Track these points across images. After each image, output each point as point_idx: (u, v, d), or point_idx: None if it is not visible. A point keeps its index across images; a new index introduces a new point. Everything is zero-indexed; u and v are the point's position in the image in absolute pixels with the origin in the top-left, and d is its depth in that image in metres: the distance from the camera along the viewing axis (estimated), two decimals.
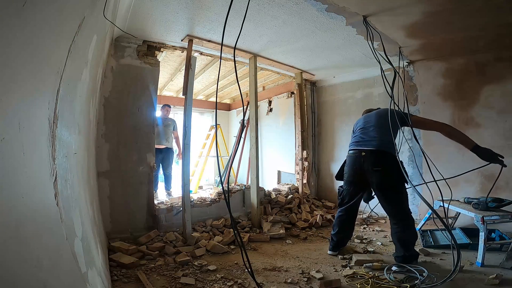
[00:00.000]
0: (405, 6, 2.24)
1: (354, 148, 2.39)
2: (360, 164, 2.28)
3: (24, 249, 0.68)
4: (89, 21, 1.25)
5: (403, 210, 2.20)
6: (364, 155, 2.26)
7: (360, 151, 2.30)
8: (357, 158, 2.32)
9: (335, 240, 2.50)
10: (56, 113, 0.95)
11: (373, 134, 2.31)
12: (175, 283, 1.95)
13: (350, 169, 2.41)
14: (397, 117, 2.20)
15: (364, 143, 2.33)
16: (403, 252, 2.19)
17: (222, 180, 2.03)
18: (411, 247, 2.21)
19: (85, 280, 1.07)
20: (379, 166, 2.16)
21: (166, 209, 3.02)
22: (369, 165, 2.22)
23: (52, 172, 0.90)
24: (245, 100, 5.45)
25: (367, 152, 2.26)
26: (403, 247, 2.19)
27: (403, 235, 2.19)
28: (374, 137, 2.28)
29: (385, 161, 2.17)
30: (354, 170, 2.35)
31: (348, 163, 2.45)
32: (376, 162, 2.18)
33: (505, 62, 3.03)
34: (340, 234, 2.48)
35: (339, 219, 2.49)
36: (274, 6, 2.30)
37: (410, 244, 2.21)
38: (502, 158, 2.03)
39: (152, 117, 3.05)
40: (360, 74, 4.21)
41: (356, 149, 2.36)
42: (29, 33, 0.69)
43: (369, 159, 2.23)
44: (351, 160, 2.40)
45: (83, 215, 1.39)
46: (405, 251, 2.19)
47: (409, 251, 2.19)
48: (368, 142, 2.30)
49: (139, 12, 2.37)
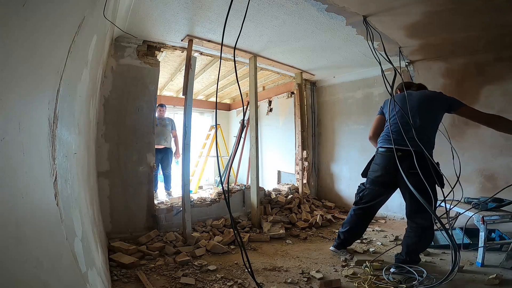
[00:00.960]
0: (405, 6, 2.23)
1: (388, 146, 2.11)
2: (394, 165, 2.00)
3: (24, 249, 0.68)
4: (89, 21, 1.25)
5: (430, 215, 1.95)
6: (401, 155, 1.99)
7: (395, 150, 2.02)
8: (391, 158, 2.06)
9: (342, 238, 2.39)
10: (56, 113, 0.95)
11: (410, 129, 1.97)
12: (175, 283, 1.95)
13: (380, 168, 2.15)
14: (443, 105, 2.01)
15: (401, 141, 2.02)
16: (404, 257, 2.14)
17: (222, 180, 2.03)
18: (415, 253, 2.15)
19: (85, 280, 1.07)
20: (416, 169, 1.86)
21: (166, 209, 3.02)
22: (406, 167, 1.95)
23: (52, 172, 0.90)
24: (245, 100, 5.45)
25: (403, 152, 2.01)
26: (407, 252, 2.12)
27: (413, 240, 2.07)
28: (412, 135, 1.94)
29: (424, 163, 1.90)
30: (386, 170, 2.12)
31: (379, 162, 2.19)
32: (414, 165, 1.87)
33: (505, 62, 3.03)
34: (350, 233, 2.36)
35: (355, 217, 2.30)
36: (274, 6, 2.30)
37: (416, 251, 2.14)
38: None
39: (152, 117, 3.05)
40: (360, 74, 4.21)
41: (391, 147, 2.07)
42: (29, 33, 0.69)
43: (406, 160, 1.97)
44: (383, 160, 2.14)
45: (83, 215, 1.39)
46: (408, 256, 2.13)
47: (411, 257, 2.13)
48: (406, 141, 1.98)
49: (139, 12, 2.37)
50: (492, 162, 3.07)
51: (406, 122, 2.03)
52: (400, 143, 2.04)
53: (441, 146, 3.45)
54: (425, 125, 2.02)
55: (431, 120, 2.05)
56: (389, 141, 2.12)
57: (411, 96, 2.17)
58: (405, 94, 2.17)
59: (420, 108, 2.08)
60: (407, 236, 2.16)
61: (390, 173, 2.11)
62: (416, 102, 2.11)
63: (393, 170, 2.06)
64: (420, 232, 2.06)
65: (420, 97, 2.15)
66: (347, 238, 2.41)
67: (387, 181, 2.17)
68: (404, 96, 2.16)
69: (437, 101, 2.06)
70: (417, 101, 2.12)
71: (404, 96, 2.17)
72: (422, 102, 2.11)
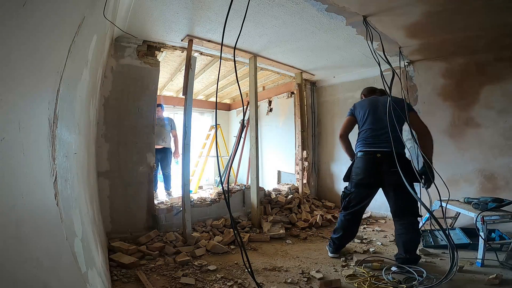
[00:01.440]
0: (405, 6, 2.23)
1: (366, 149, 2.26)
2: (376, 166, 2.18)
3: (24, 249, 0.68)
4: (89, 21, 1.25)
5: (416, 209, 2.16)
6: (380, 157, 2.17)
7: (374, 153, 2.21)
8: (371, 160, 2.22)
9: (337, 243, 2.45)
10: (56, 113, 0.95)
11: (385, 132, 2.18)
12: (175, 283, 1.95)
13: (363, 171, 2.25)
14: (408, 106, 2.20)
15: (378, 143, 2.21)
16: (404, 255, 2.18)
17: (222, 180, 2.04)
18: (414, 250, 2.19)
19: (85, 280, 1.07)
20: (396, 167, 2.01)
21: (166, 209, 3.02)
22: (387, 166, 2.13)
23: (52, 172, 0.90)
24: (245, 100, 5.45)
25: (382, 153, 2.17)
26: (406, 250, 2.17)
27: (408, 237, 2.16)
28: (387, 137, 2.14)
29: (402, 161, 2.08)
30: (369, 172, 2.23)
31: (360, 165, 2.29)
32: (394, 163, 2.04)
33: (505, 62, 3.03)
34: (343, 238, 2.43)
35: (346, 223, 2.37)
36: (274, 6, 2.30)
37: (414, 246, 2.19)
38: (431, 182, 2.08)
39: (152, 117, 3.05)
40: (360, 74, 4.22)
41: (369, 150, 2.24)
42: (29, 33, 0.69)
43: (385, 160, 2.15)
44: (364, 163, 2.26)
45: (83, 215, 1.39)
46: (407, 253, 2.17)
47: (411, 254, 2.17)
48: (382, 143, 2.19)
49: (139, 12, 2.37)
50: (492, 162, 3.07)
51: (380, 126, 2.23)
52: (378, 146, 2.21)
53: (441, 146, 3.47)
54: (395, 128, 2.15)
55: (399, 123, 2.17)
56: (367, 145, 2.27)
57: (379, 102, 2.36)
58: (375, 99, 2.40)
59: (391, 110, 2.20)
60: (399, 234, 2.21)
61: (372, 174, 2.22)
62: (384, 107, 2.24)
63: (374, 172, 2.21)
64: (411, 228, 2.15)
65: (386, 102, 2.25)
66: (342, 242, 2.47)
67: (371, 183, 2.26)
68: (372, 101, 2.37)
69: (400, 105, 2.21)
70: (384, 106, 2.25)
71: (372, 100, 2.38)
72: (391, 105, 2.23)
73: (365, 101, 2.45)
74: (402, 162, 2.07)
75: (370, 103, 2.38)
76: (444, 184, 2.12)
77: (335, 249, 2.48)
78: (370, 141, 2.27)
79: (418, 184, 2.12)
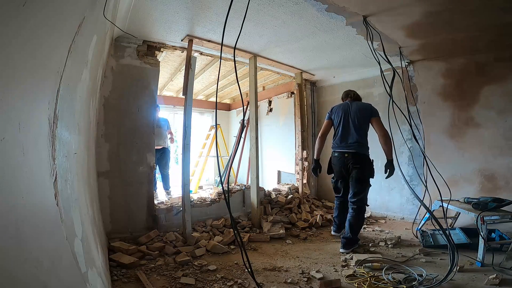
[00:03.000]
0: (405, 6, 2.24)
1: (339, 150, 2.85)
2: (345, 163, 2.80)
3: (24, 249, 0.68)
4: (89, 21, 1.25)
5: (364, 198, 2.77)
6: (347, 156, 2.78)
7: (343, 153, 2.81)
8: (341, 159, 2.83)
9: (337, 222, 3.06)
10: (56, 113, 0.95)
11: (352, 138, 2.77)
12: (175, 283, 1.95)
13: (337, 167, 2.89)
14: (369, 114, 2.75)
15: (346, 146, 2.80)
16: (349, 234, 2.66)
17: (222, 180, 2.04)
18: (356, 231, 2.70)
19: (85, 280, 1.07)
20: (358, 164, 2.73)
21: (166, 209, 3.02)
22: (351, 163, 2.76)
23: (52, 172, 0.90)
24: (245, 100, 5.45)
25: (349, 153, 2.78)
26: (351, 230, 2.67)
27: (354, 219, 2.69)
28: (354, 141, 2.76)
29: (361, 160, 2.74)
30: (341, 168, 2.86)
31: (335, 163, 2.91)
32: (356, 162, 2.73)
33: (505, 62, 3.03)
34: (340, 217, 3.02)
35: (338, 204, 3.03)
36: (274, 6, 2.30)
37: (357, 228, 2.71)
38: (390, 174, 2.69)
39: (152, 117, 3.05)
40: (360, 74, 4.22)
41: (341, 151, 2.83)
42: (29, 33, 0.69)
43: (351, 159, 2.76)
44: (337, 161, 2.87)
45: (83, 215, 1.39)
46: (351, 233, 2.66)
47: (354, 235, 2.67)
48: (350, 146, 2.78)
49: (139, 12, 2.37)
50: (492, 162, 3.07)
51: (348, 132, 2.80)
52: (347, 148, 2.79)
53: (441, 146, 3.47)
54: (362, 132, 2.77)
55: (365, 127, 2.80)
56: (339, 147, 2.86)
57: (350, 108, 2.86)
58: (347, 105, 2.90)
59: (357, 117, 2.77)
60: (349, 216, 2.75)
61: (344, 169, 2.84)
62: (354, 113, 2.81)
63: (345, 167, 2.82)
64: (356, 209, 2.72)
65: (356, 108, 2.82)
66: (340, 221, 3.02)
67: (344, 175, 2.89)
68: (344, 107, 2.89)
69: (367, 110, 2.79)
70: (354, 112, 2.81)
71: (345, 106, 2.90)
72: (358, 112, 2.80)
73: (339, 107, 2.95)
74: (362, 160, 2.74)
75: (343, 109, 2.90)
76: (445, 183, 2.13)
77: (337, 228, 3.06)
78: (340, 143, 2.85)
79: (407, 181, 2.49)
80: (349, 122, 2.79)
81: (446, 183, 2.64)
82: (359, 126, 2.75)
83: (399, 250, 2.62)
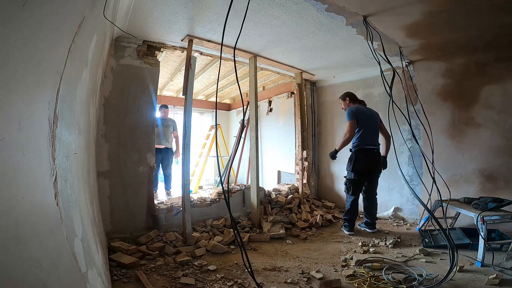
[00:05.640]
0: (405, 6, 2.23)
1: (371, 145, 3.08)
2: (374, 158, 3.09)
3: (24, 249, 0.68)
4: (89, 21, 1.25)
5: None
6: (376, 152, 3.12)
7: (373, 149, 3.10)
8: (372, 153, 3.08)
9: (354, 222, 3.19)
10: (56, 113, 0.95)
11: (376, 135, 3.16)
12: (175, 283, 1.95)
13: (369, 160, 3.05)
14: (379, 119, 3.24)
15: (374, 143, 3.13)
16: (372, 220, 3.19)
17: (222, 180, 2.04)
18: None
19: (85, 280, 1.07)
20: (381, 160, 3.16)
21: (166, 209, 3.02)
22: (379, 158, 3.14)
23: (52, 172, 0.90)
24: (245, 100, 5.45)
25: (377, 150, 3.14)
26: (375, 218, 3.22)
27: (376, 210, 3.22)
28: (377, 141, 3.17)
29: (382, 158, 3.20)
30: (370, 162, 3.07)
31: (363, 157, 3.04)
32: (380, 158, 3.16)
33: (505, 62, 3.02)
34: (356, 217, 3.20)
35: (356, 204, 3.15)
36: (274, 6, 2.30)
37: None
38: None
39: (152, 117, 3.05)
40: (360, 74, 4.21)
41: (371, 147, 3.09)
42: (29, 33, 0.69)
43: (378, 154, 3.14)
44: (369, 154, 3.07)
45: (83, 215, 1.39)
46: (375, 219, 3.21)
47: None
48: (376, 142, 3.15)
49: (139, 12, 2.37)
50: (492, 162, 3.07)
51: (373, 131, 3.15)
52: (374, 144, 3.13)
53: (441, 146, 3.47)
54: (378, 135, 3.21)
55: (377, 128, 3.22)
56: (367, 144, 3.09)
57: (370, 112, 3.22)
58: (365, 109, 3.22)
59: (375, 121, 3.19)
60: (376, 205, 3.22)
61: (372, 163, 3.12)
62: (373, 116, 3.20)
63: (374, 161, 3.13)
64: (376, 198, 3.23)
65: (372, 113, 3.23)
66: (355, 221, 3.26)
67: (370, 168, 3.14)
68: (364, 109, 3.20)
69: (378, 116, 3.24)
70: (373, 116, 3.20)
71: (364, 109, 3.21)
72: (374, 116, 3.21)
73: (360, 109, 3.18)
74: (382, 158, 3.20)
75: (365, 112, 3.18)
76: (445, 184, 2.12)
77: (352, 228, 3.17)
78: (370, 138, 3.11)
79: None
80: (373, 124, 3.15)
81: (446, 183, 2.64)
82: (377, 128, 3.18)
83: (399, 250, 2.62)
